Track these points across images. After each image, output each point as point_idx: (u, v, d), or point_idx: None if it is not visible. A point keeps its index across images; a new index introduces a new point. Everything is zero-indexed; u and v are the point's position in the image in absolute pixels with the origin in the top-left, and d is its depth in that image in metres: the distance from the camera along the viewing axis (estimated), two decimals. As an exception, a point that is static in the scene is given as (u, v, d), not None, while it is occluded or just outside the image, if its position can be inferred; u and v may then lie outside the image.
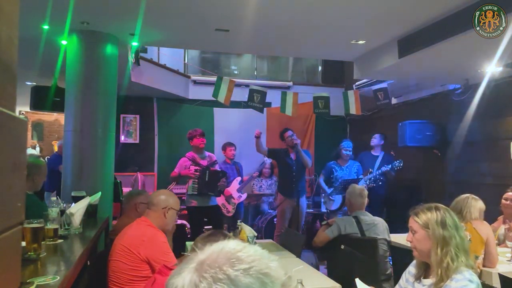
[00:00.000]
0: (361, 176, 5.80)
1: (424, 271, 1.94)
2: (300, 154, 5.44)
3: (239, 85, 5.94)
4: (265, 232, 5.86)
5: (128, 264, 2.35)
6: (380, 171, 5.66)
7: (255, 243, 3.17)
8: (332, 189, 5.79)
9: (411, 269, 2.05)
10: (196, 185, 4.90)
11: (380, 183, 5.76)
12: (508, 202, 3.57)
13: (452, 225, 1.85)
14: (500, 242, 3.32)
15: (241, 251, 0.71)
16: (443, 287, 1.76)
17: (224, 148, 6.26)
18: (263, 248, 0.75)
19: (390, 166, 5.56)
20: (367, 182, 5.62)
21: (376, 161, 5.98)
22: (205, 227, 5.08)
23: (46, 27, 3.80)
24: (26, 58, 4.77)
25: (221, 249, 0.73)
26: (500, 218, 3.72)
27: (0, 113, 0.72)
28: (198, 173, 4.90)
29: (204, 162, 5.07)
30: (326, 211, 6.13)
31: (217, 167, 5.24)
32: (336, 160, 5.93)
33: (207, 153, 5.23)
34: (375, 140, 6.11)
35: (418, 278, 1.94)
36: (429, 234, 1.85)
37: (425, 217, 1.88)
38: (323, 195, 6.14)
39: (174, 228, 2.76)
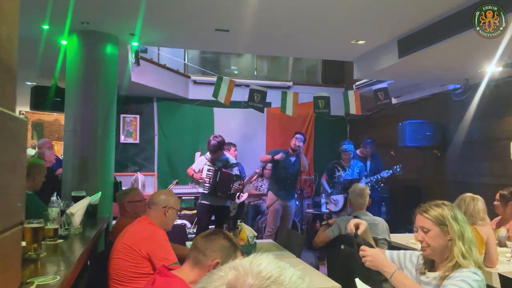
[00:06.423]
0: (362, 177, 5.79)
1: (430, 266, 1.91)
2: (301, 157, 5.49)
3: (239, 85, 5.94)
4: (265, 232, 5.86)
5: (130, 262, 2.36)
6: (379, 176, 5.64)
7: (255, 243, 3.17)
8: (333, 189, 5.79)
9: (415, 259, 2.02)
10: (207, 185, 4.88)
11: (380, 187, 5.77)
12: (495, 202, 3.58)
13: (463, 219, 1.82)
14: (501, 245, 3.31)
15: (276, 281, 0.63)
16: (446, 277, 1.74)
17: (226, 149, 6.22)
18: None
19: (390, 171, 5.55)
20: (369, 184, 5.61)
21: (366, 162, 6.02)
22: (210, 226, 5.06)
23: (46, 27, 3.79)
24: (26, 58, 4.76)
25: (253, 272, 0.64)
26: (494, 221, 3.70)
27: (0, 113, 0.72)
28: (211, 173, 4.83)
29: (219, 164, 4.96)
30: (327, 211, 6.11)
31: (234, 171, 5.03)
32: (338, 160, 5.86)
33: (225, 156, 5.07)
34: (369, 149, 6.09)
35: (423, 272, 1.91)
36: (444, 230, 1.79)
37: (436, 214, 1.81)
38: (323, 195, 6.10)
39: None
